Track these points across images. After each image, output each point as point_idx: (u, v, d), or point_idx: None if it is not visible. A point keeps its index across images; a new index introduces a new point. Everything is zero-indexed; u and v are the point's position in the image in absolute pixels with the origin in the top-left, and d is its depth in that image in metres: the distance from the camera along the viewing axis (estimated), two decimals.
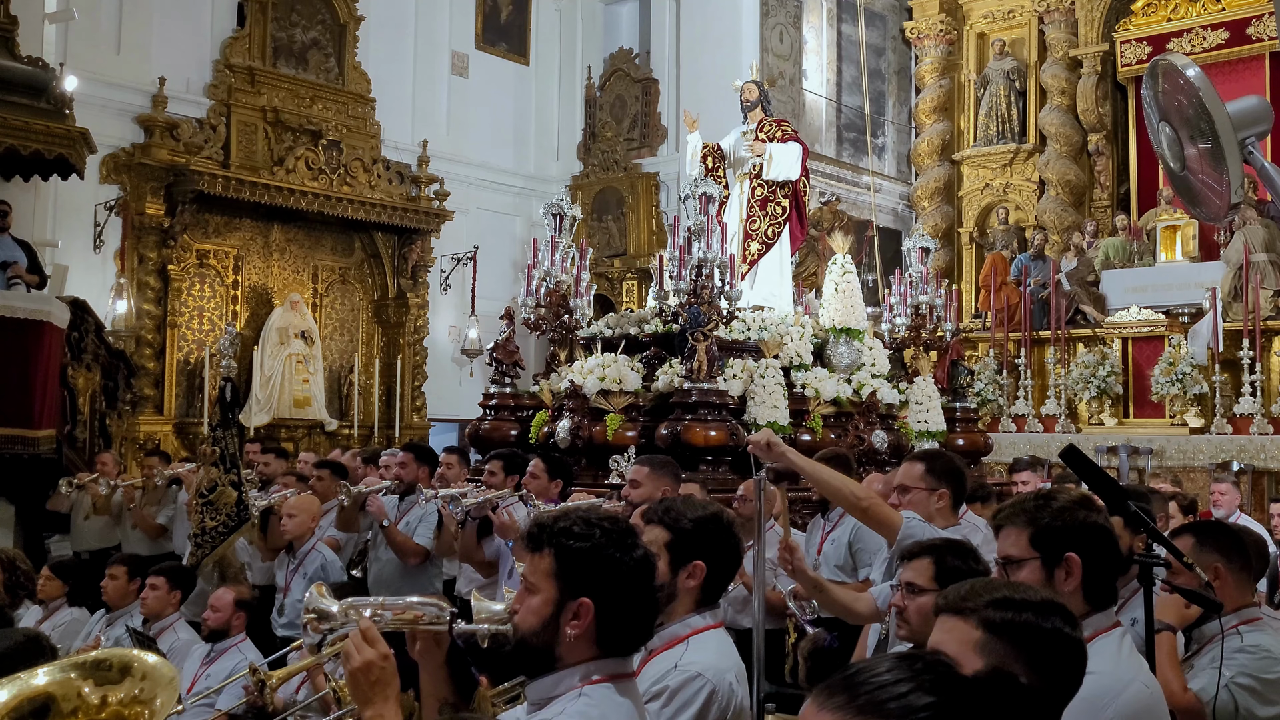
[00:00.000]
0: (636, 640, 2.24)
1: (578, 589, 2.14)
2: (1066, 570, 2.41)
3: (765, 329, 7.92)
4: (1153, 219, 14.46)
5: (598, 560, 2.16)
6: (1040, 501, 2.51)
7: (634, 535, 2.27)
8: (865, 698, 1.33)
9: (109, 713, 2.32)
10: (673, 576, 2.66)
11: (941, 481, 4.17)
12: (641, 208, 14.37)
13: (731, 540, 2.74)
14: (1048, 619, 1.86)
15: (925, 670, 1.35)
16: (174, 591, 5.50)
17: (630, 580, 2.18)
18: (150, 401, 11.17)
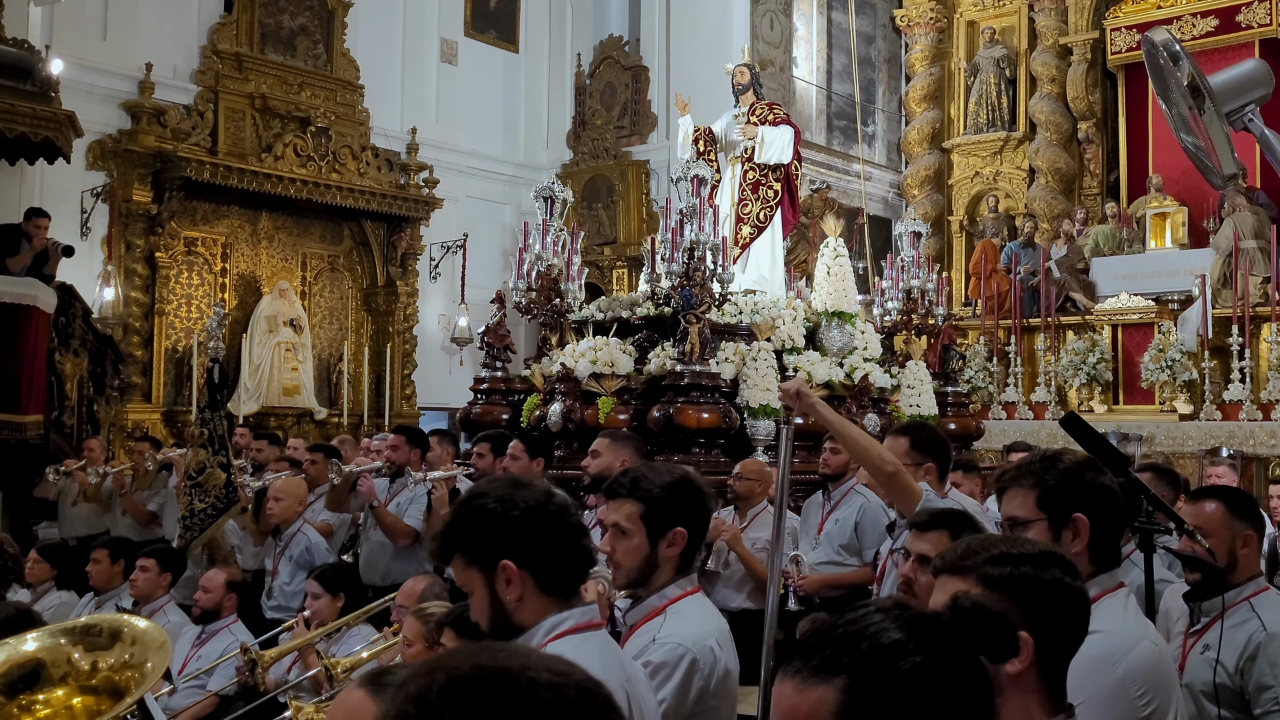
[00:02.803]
0: (573, 571, 2.28)
1: (490, 560, 2.21)
2: (1074, 531, 2.38)
3: (757, 312, 7.90)
4: (1142, 206, 14.48)
5: (483, 523, 2.22)
6: (1047, 463, 2.48)
7: (522, 486, 2.30)
8: (836, 644, 1.32)
9: (100, 678, 2.30)
10: (652, 548, 2.62)
11: (927, 455, 4.15)
12: (631, 196, 14.33)
13: (704, 502, 2.70)
14: (1047, 570, 1.83)
15: (894, 610, 1.35)
16: (164, 574, 5.46)
17: (525, 521, 2.21)
18: (138, 389, 11.09)
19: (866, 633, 1.32)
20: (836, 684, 1.30)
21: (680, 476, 2.68)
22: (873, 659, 1.30)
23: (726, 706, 2.65)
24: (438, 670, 0.97)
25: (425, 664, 0.98)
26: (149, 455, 7.59)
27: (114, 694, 2.24)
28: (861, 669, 1.30)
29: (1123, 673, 2.19)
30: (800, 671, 1.32)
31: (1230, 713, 3.09)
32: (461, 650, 0.98)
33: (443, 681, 0.94)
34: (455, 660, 0.97)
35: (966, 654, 1.35)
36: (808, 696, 1.31)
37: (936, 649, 1.32)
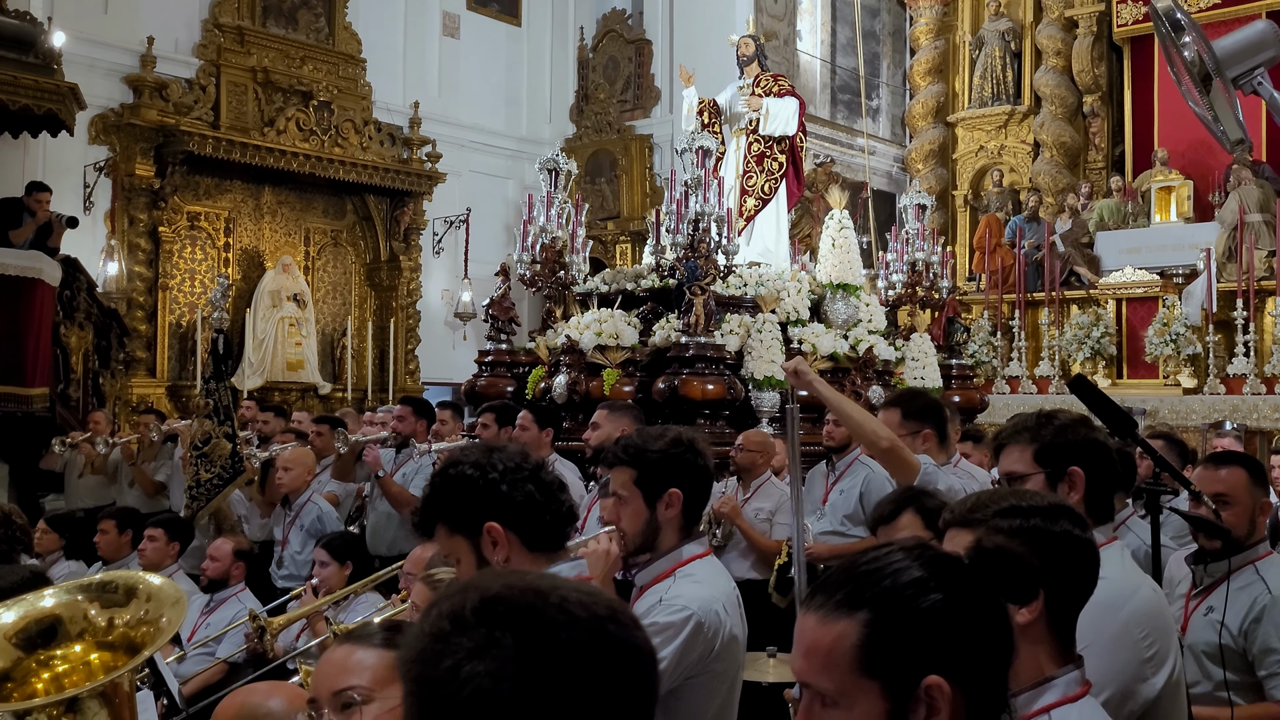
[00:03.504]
0: (556, 527, 2.34)
1: (475, 527, 2.26)
2: (1070, 484, 2.41)
3: (762, 284, 7.88)
4: (1148, 180, 14.44)
5: (466, 489, 2.28)
6: (1042, 420, 2.53)
7: (494, 448, 2.37)
8: (859, 580, 1.34)
9: (116, 634, 2.31)
10: (651, 512, 2.63)
11: (922, 422, 4.14)
12: (635, 170, 14.29)
13: (700, 460, 2.69)
14: (1056, 522, 1.85)
15: (916, 549, 1.38)
16: (172, 543, 5.49)
17: (502, 483, 2.27)
18: (142, 364, 11.11)
19: (889, 570, 1.34)
20: (858, 618, 1.32)
21: (673, 439, 2.68)
22: (894, 595, 1.32)
23: (731, 670, 2.66)
24: (469, 590, 0.97)
25: (453, 586, 0.98)
26: (154, 427, 7.61)
27: (130, 649, 2.25)
28: (883, 604, 1.32)
29: (1126, 616, 2.22)
30: (823, 606, 1.35)
31: (1233, 674, 3.11)
32: (489, 573, 0.99)
33: (476, 600, 0.95)
34: (485, 581, 0.97)
35: (987, 594, 1.37)
36: (830, 630, 1.34)
37: (957, 588, 1.34)
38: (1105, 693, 2.16)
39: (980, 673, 1.36)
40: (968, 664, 1.34)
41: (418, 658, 0.94)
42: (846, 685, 1.34)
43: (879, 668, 1.32)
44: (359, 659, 1.81)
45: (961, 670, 1.33)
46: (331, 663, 1.84)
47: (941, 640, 1.32)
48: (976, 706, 1.35)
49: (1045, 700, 1.73)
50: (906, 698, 1.32)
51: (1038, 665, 1.75)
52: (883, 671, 1.32)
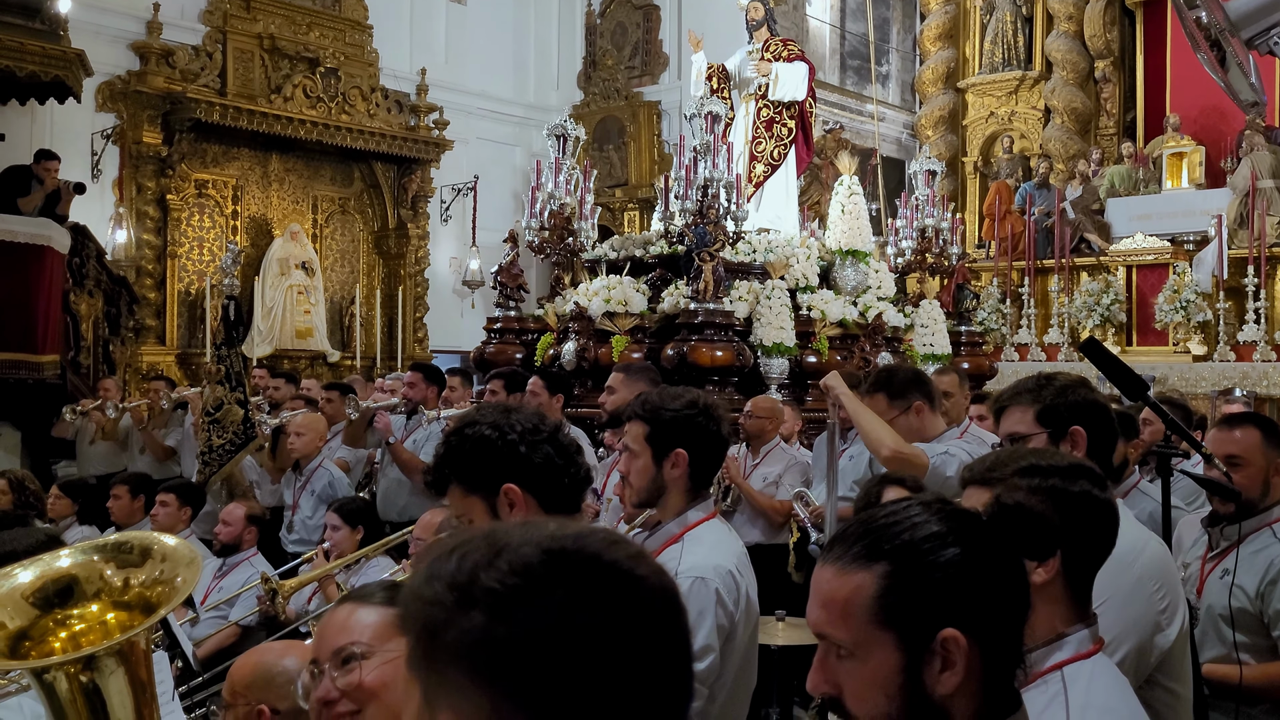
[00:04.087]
0: (573, 490, 2.34)
1: (492, 486, 2.26)
2: (1072, 443, 2.43)
3: (771, 250, 7.86)
4: (1159, 146, 14.34)
5: (485, 449, 2.28)
6: (1042, 381, 2.56)
7: (509, 408, 2.38)
8: (877, 533, 1.35)
9: (132, 594, 2.33)
10: (657, 469, 2.64)
11: (908, 396, 4.12)
12: (643, 137, 14.22)
13: (712, 424, 2.69)
14: (1075, 481, 1.84)
15: (935, 504, 1.40)
16: (184, 508, 5.52)
17: (521, 444, 2.28)
18: (152, 332, 11.14)
19: (907, 523, 1.35)
20: (876, 570, 1.33)
21: (689, 401, 2.69)
22: (912, 548, 1.33)
23: (748, 631, 2.67)
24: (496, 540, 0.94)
25: (467, 544, 0.95)
26: (164, 394, 7.64)
27: (146, 609, 2.26)
28: (901, 557, 1.33)
29: (1139, 570, 2.24)
30: (841, 558, 1.36)
31: (1247, 636, 3.11)
32: (509, 525, 0.97)
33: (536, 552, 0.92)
34: (510, 536, 0.94)
35: (1004, 550, 1.38)
36: (848, 581, 1.35)
37: (975, 542, 1.35)
38: (1125, 646, 2.18)
39: (996, 627, 1.36)
40: (984, 618, 1.35)
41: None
42: (862, 636, 1.35)
43: (895, 619, 1.33)
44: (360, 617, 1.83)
45: (977, 624, 1.34)
46: (333, 622, 1.86)
47: (958, 594, 1.33)
48: (992, 661, 1.36)
49: (1057, 657, 1.74)
50: (922, 650, 1.33)
51: (1052, 623, 1.76)
52: (899, 623, 1.33)
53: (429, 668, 0.91)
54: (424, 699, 0.92)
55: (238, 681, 2.36)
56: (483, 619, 0.89)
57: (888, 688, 1.35)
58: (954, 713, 1.36)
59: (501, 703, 0.88)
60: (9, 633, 2.16)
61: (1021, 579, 1.41)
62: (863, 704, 1.37)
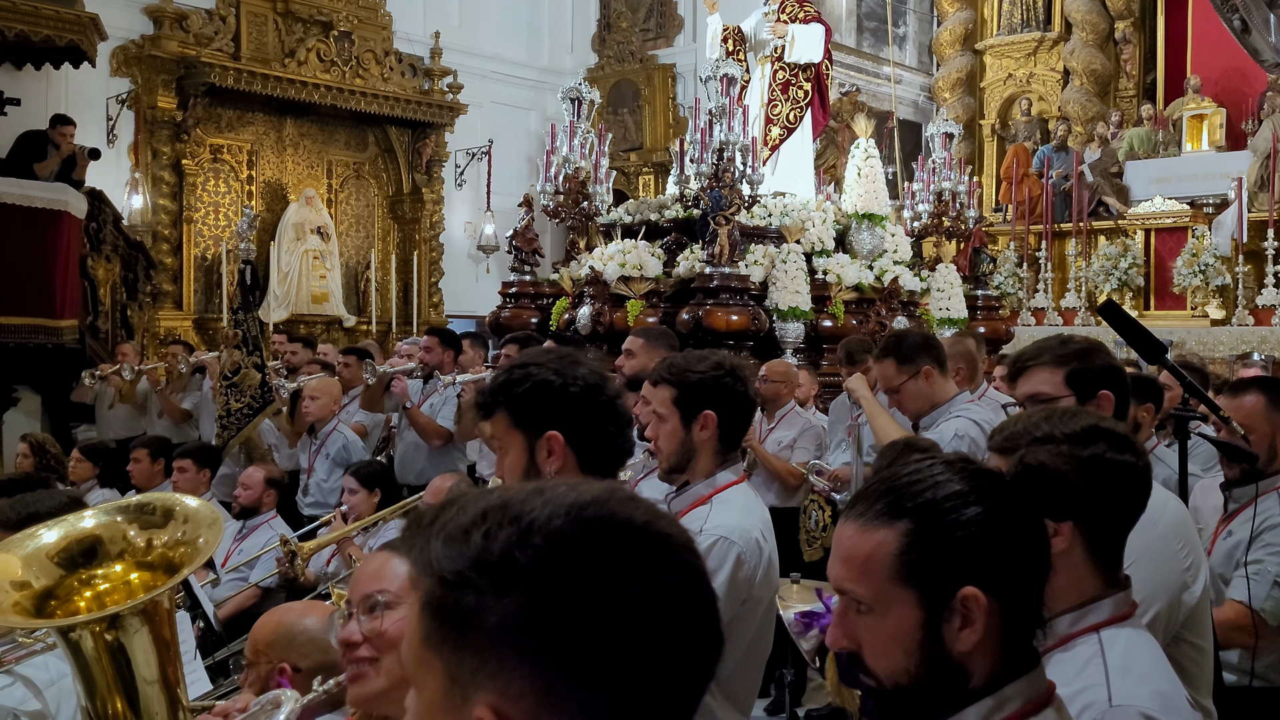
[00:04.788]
0: (615, 455, 2.32)
1: (539, 427, 2.23)
2: (1098, 407, 2.41)
3: (787, 214, 7.83)
4: (1179, 108, 14.17)
5: (544, 393, 2.25)
6: (1063, 343, 2.54)
7: (572, 357, 2.34)
8: (899, 491, 1.36)
9: (155, 555, 2.36)
10: (686, 432, 2.63)
11: (918, 360, 4.11)
12: (658, 100, 14.14)
13: (739, 385, 2.68)
14: (1089, 446, 1.81)
15: (958, 463, 1.41)
16: (202, 471, 5.57)
17: (582, 398, 2.25)
18: (169, 297, 11.17)
19: (930, 482, 1.36)
20: (898, 528, 1.35)
21: (715, 363, 2.68)
22: (934, 506, 1.34)
23: (768, 596, 2.69)
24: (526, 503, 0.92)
25: (483, 518, 0.92)
26: (182, 358, 7.68)
27: (169, 569, 2.29)
28: (923, 515, 1.34)
29: (1164, 530, 2.25)
30: (864, 515, 1.37)
31: None
32: (521, 493, 0.95)
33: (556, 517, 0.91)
34: (530, 507, 0.92)
35: (1026, 510, 1.38)
36: (870, 538, 1.36)
37: (997, 502, 1.35)
38: (1156, 605, 2.19)
39: (1016, 587, 1.37)
40: (1004, 577, 1.36)
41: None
42: (883, 593, 1.37)
43: (916, 577, 1.35)
44: (394, 567, 1.85)
45: (998, 583, 1.35)
46: (368, 568, 1.88)
47: (979, 553, 1.34)
48: (1011, 619, 1.38)
49: (1092, 619, 1.73)
50: (942, 607, 1.35)
51: (1080, 588, 1.75)
52: (919, 580, 1.35)
53: (460, 649, 0.90)
54: (451, 680, 0.90)
55: (260, 640, 2.39)
56: (526, 600, 0.87)
57: (907, 644, 1.36)
58: (972, 670, 1.37)
59: (556, 680, 0.87)
60: (35, 592, 2.19)
61: (1043, 539, 1.41)
62: (882, 660, 1.38)
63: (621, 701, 0.89)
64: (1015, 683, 1.38)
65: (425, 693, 0.93)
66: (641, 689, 0.89)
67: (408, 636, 0.95)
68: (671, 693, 0.92)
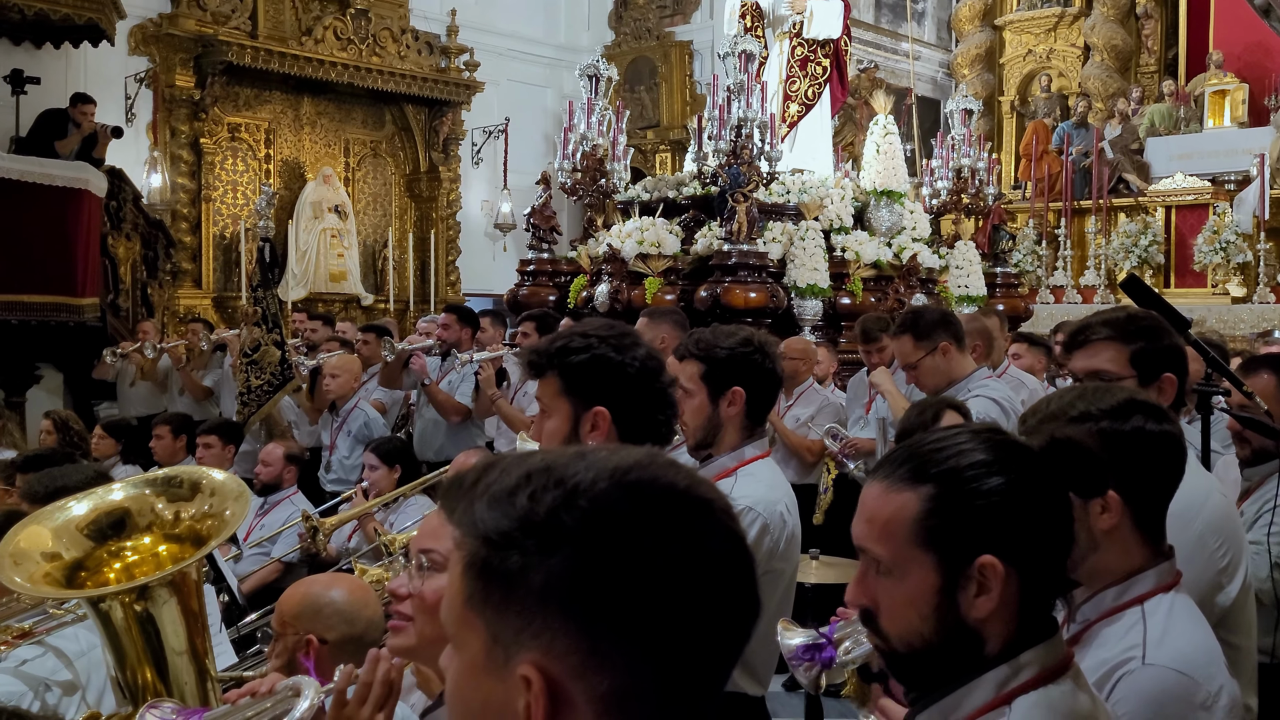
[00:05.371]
0: (656, 439, 2.31)
1: (589, 400, 2.23)
2: (1159, 389, 2.35)
3: (805, 191, 7.81)
4: (1201, 84, 14.05)
5: (600, 367, 2.24)
6: (1131, 318, 2.45)
7: (632, 336, 2.32)
8: (925, 456, 1.39)
9: (183, 528, 2.38)
10: (713, 408, 2.63)
11: (935, 337, 4.09)
12: (675, 78, 14.08)
13: (767, 361, 2.68)
14: (1127, 420, 1.81)
15: (984, 433, 1.42)
16: (227, 447, 5.61)
17: (637, 379, 2.25)
18: (188, 275, 11.22)
19: (955, 449, 1.37)
20: (921, 492, 1.36)
21: (744, 338, 2.67)
22: (957, 474, 1.36)
23: (790, 569, 2.70)
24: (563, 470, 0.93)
25: (527, 479, 0.93)
26: (203, 335, 7.72)
27: (196, 541, 2.32)
28: (946, 481, 1.36)
29: (1200, 527, 2.20)
30: (889, 477, 1.40)
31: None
32: (565, 455, 0.96)
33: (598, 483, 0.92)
34: (574, 469, 0.93)
35: (1051, 483, 1.39)
36: (893, 500, 1.38)
37: (1021, 473, 1.36)
38: None
39: (1036, 557, 1.38)
40: (1024, 547, 1.37)
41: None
42: (902, 555, 1.38)
43: (936, 541, 1.36)
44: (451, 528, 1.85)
45: (1017, 553, 1.36)
46: (429, 523, 1.88)
47: (999, 522, 1.35)
48: (1029, 589, 1.38)
49: (1137, 591, 1.75)
50: (959, 574, 1.36)
51: (1127, 561, 1.76)
52: (939, 545, 1.36)
53: (504, 609, 0.91)
54: (493, 640, 0.92)
55: (286, 612, 2.42)
56: (572, 560, 0.89)
57: (922, 607, 1.38)
58: (987, 636, 1.38)
59: (600, 640, 0.89)
60: (65, 563, 2.22)
61: (1066, 513, 1.41)
62: (896, 621, 1.40)
63: (663, 661, 0.90)
64: (1031, 650, 1.39)
65: (466, 652, 0.95)
66: (682, 649, 0.91)
67: (448, 597, 0.96)
68: (710, 653, 0.93)
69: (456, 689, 0.96)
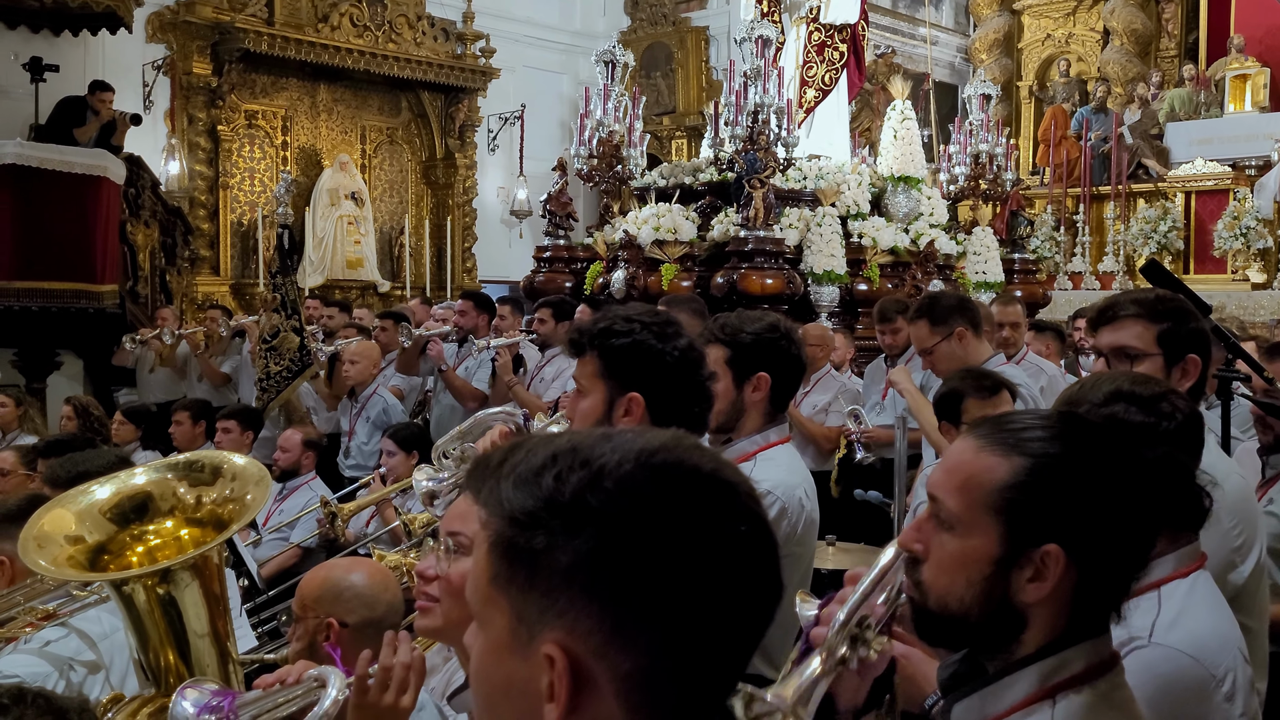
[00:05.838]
0: (689, 430, 2.27)
1: (625, 385, 2.24)
2: (1183, 371, 2.38)
3: (822, 177, 7.78)
4: (1222, 68, 13.91)
5: (640, 353, 2.24)
6: (1159, 299, 2.47)
7: (675, 325, 2.32)
8: (1007, 432, 1.39)
9: (204, 512, 2.40)
10: (738, 392, 2.64)
11: (951, 322, 4.08)
12: (691, 64, 14.04)
13: (793, 348, 2.69)
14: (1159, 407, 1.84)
15: (1107, 438, 1.41)
16: (246, 432, 5.64)
17: (675, 368, 2.25)
18: (206, 262, 11.26)
19: (1067, 437, 1.37)
20: (1015, 463, 1.36)
21: (770, 324, 2.68)
22: (1058, 461, 1.35)
23: (807, 554, 2.71)
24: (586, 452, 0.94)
25: (552, 461, 0.94)
26: (221, 322, 7.76)
27: (218, 525, 2.34)
28: (1044, 463, 1.35)
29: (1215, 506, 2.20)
30: (988, 437, 1.39)
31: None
32: (590, 437, 0.97)
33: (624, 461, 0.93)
34: (599, 451, 0.94)
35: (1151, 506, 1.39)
36: (982, 460, 1.38)
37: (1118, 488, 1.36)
38: None
39: (1103, 563, 1.37)
40: (1092, 550, 1.35)
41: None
42: (972, 515, 1.37)
43: (1010, 515, 1.35)
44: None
45: (1083, 552, 1.35)
46: (458, 506, 1.90)
47: (1078, 520, 1.34)
48: (1086, 589, 1.37)
49: (1154, 576, 1.74)
50: (1020, 553, 1.35)
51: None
52: (1011, 520, 1.35)
53: (529, 588, 0.92)
54: (518, 619, 0.93)
55: (307, 595, 2.43)
56: (597, 540, 0.89)
57: (973, 573, 1.37)
58: (1031, 621, 1.37)
59: (624, 620, 0.90)
60: (89, 546, 2.24)
61: (1152, 537, 1.40)
62: (942, 576, 1.40)
63: (685, 641, 0.91)
64: (1077, 646, 1.38)
65: (491, 631, 0.96)
66: (705, 630, 0.91)
67: (473, 576, 0.97)
68: (733, 635, 0.94)
69: (481, 667, 0.97)
